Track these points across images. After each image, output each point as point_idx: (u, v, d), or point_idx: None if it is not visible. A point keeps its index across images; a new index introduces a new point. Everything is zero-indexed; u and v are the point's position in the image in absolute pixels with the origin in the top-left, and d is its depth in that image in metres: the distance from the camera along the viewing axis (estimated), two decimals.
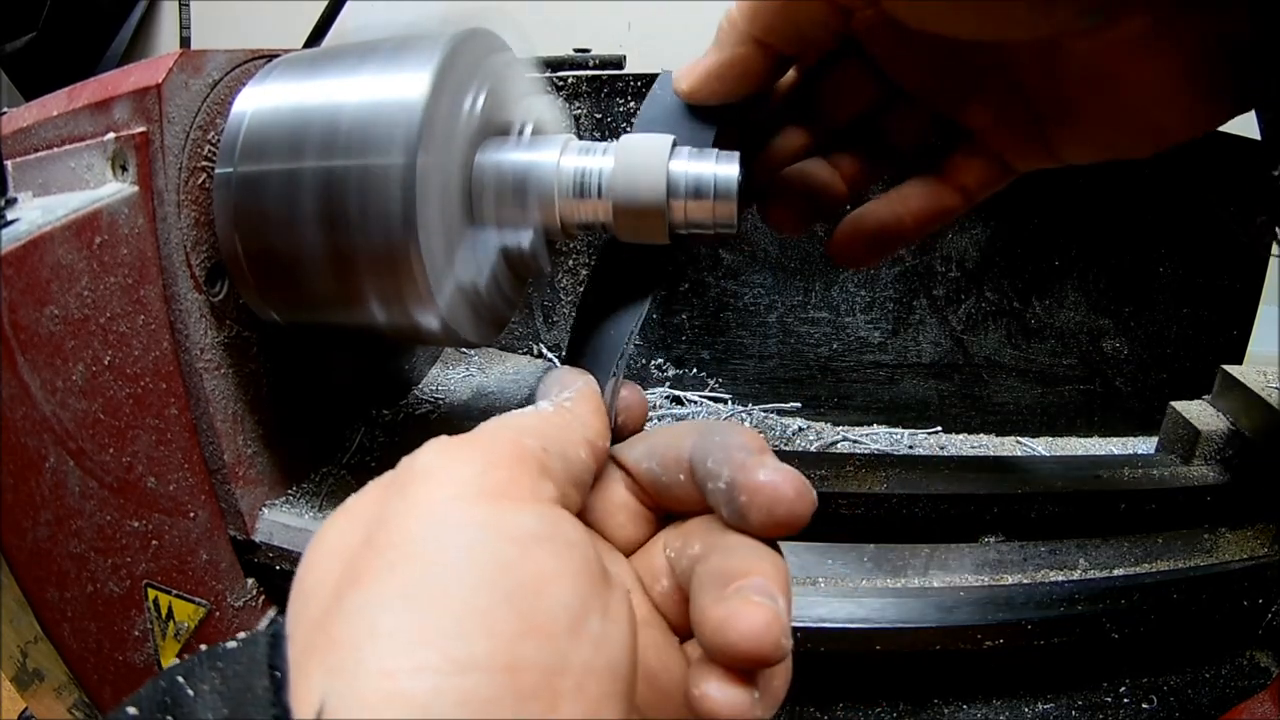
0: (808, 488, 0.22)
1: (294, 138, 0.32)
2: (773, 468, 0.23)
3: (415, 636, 0.17)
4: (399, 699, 0.16)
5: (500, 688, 0.17)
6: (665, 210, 0.30)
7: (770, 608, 0.20)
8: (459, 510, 0.20)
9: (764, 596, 0.21)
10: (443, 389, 0.56)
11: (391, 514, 0.20)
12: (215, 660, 0.19)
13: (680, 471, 0.26)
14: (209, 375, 0.36)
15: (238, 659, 0.19)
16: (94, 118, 0.33)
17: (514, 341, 0.65)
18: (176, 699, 0.18)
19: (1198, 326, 0.62)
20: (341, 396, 0.47)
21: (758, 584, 0.21)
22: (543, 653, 0.18)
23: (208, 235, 0.35)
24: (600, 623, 0.20)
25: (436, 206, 0.31)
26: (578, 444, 0.25)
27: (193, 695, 0.18)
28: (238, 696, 0.18)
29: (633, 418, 0.31)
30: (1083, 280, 0.60)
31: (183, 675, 0.18)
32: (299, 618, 0.19)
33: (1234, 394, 0.50)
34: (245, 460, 0.39)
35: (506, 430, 0.23)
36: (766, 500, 0.22)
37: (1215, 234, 0.59)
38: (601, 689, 0.19)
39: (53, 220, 0.30)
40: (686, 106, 0.32)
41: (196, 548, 0.37)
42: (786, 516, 0.22)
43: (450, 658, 0.17)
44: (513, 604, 0.18)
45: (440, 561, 0.19)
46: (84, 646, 0.32)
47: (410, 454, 0.22)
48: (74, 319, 0.31)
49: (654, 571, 0.26)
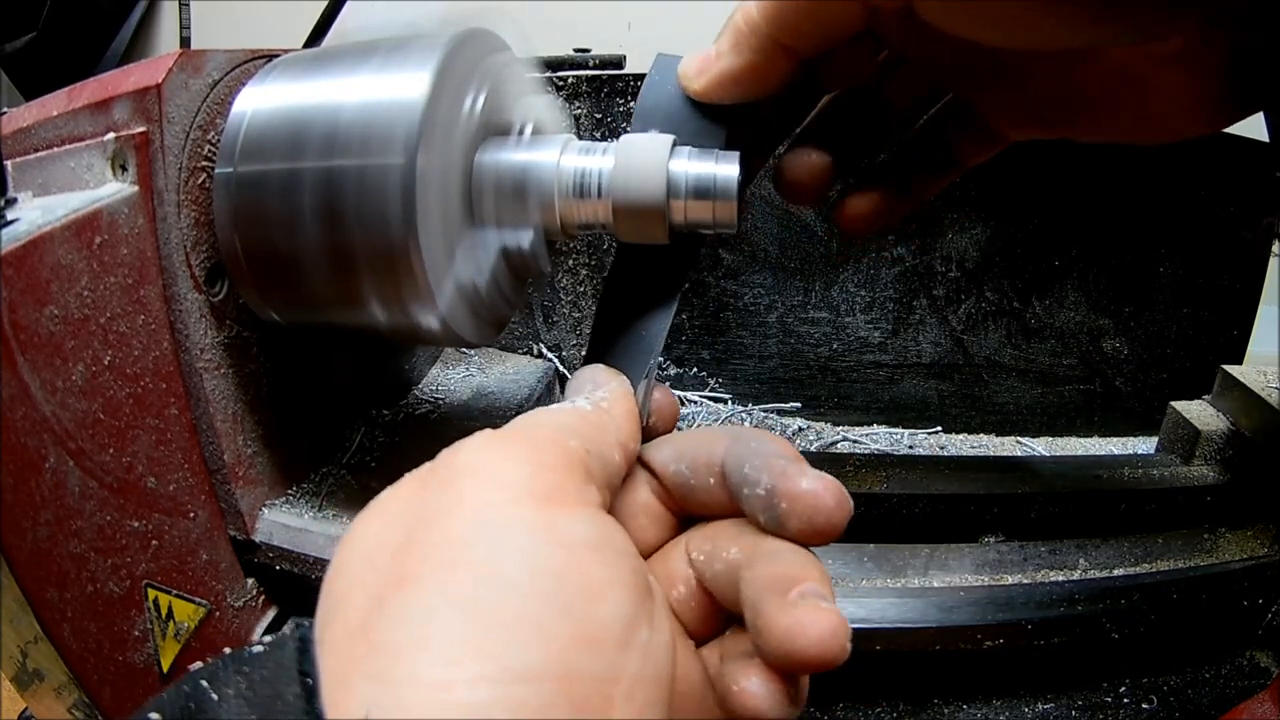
0: (846, 497, 0.23)
1: (294, 138, 0.32)
2: (814, 476, 0.23)
3: (470, 645, 0.17)
4: (454, 709, 0.16)
5: (555, 696, 0.17)
6: (665, 210, 0.30)
7: (835, 613, 0.21)
8: (510, 513, 0.20)
9: (827, 603, 0.21)
10: (443, 389, 0.56)
11: (435, 512, 0.20)
12: (241, 665, 0.18)
13: (711, 475, 0.25)
14: (209, 375, 0.36)
15: (264, 664, 0.18)
16: (94, 118, 0.33)
17: (514, 341, 0.65)
18: (201, 704, 0.17)
19: (1198, 326, 0.62)
20: (341, 396, 0.47)
21: (816, 589, 0.21)
22: (597, 662, 0.18)
23: (208, 235, 0.35)
24: (648, 632, 0.20)
25: (436, 206, 0.31)
26: (613, 446, 0.25)
27: (217, 700, 0.17)
28: (266, 703, 0.17)
29: (663, 420, 0.30)
30: (1083, 280, 0.60)
31: (206, 679, 0.18)
32: (332, 622, 0.19)
33: (1234, 394, 0.50)
34: (245, 460, 0.39)
35: (549, 430, 0.23)
36: (807, 508, 0.22)
37: (1215, 234, 0.59)
38: (649, 697, 0.19)
39: (53, 220, 0.30)
40: (692, 101, 0.31)
41: (196, 548, 0.37)
42: (825, 525, 0.22)
43: (505, 667, 0.17)
44: (568, 613, 0.18)
45: (493, 567, 0.18)
46: (84, 647, 0.32)
47: (451, 447, 0.22)
48: (74, 319, 0.31)
49: (671, 576, 0.26)
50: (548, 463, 0.21)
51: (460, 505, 0.20)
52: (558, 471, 0.21)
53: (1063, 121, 0.31)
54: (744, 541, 0.24)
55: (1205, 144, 0.59)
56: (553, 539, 0.19)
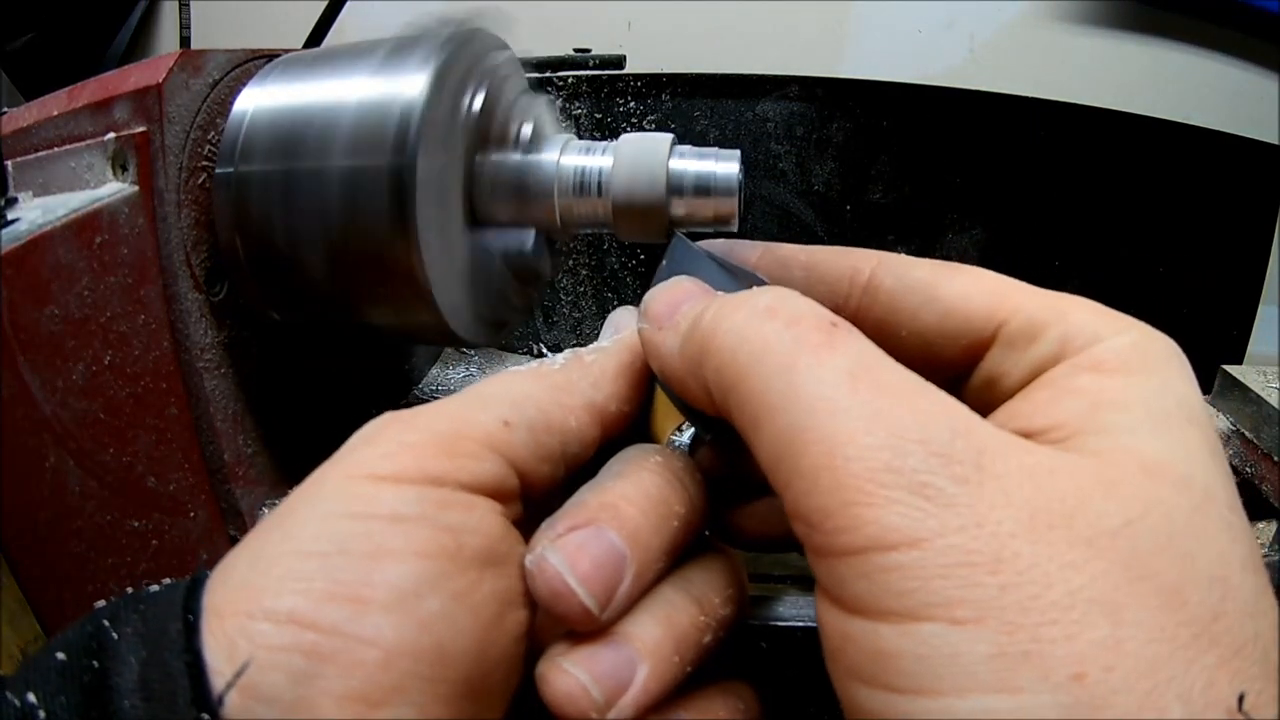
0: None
1: (294, 138, 0.32)
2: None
3: (249, 588, 0.19)
4: (221, 636, 0.18)
5: (294, 638, 0.18)
6: (666, 208, 0.30)
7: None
8: (335, 487, 0.21)
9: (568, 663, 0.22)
10: (443, 389, 0.56)
11: (304, 483, 0.22)
12: (139, 604, 0.20)
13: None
14: (209, 375, 0.36)
15: (157, 602, 0.20)
16: (94, 117, 0.33)
17: (514, 341, 0.65)
18: (102, 643, 0.19)
19: (1198, 326, 0.62)
20: (341, 396, 0.47)
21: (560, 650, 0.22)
22: (352, 621, 0.19)
23: (208, 235, 0.35)
24: (440, 604, 0.20)
25: (436, 206, 0.31)
26: (572, 410, 0.24)
27: (117, 639, 0.19)
28: (155, 639, 0.19)
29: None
30: (1083, 280, 0.60)
31: (108, 618, 0.19)
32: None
33: (1234, 394, 0.50)
34: (245, 460, 0.39)
35: (465, 403, 0.23)
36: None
37: (1215, 234, 0.59)
38: (415, 669, 0.19)
39: (53, 220, 0.30)
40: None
41: (196, 547, 0.37)
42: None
43: (265, 608, 0.19)
44: (334, 573, 0.19)
45: (289, 529, 0.20)
46: None
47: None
48: (74, 319, 0.30)
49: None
50: (412, 441, 0.22)
51: (313, 479, 0.22)
52: (418, 451, 0.22)
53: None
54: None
55: (1205, 144, 0.59)
56: (348, 509, 0.21)
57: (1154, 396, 0.19)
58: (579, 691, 0.20)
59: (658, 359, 0.24)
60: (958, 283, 0.24)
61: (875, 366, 0.19)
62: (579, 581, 0.21)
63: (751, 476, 0.24)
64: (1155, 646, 0.15)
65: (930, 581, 0.16)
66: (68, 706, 0.18)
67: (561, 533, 0.21)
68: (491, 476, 0.22)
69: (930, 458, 0.17)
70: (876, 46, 0.79)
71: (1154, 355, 0.21)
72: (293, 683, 0.18)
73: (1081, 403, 0.20)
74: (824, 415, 0.18)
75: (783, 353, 0.20)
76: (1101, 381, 0.20)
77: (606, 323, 0.29)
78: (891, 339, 0.24)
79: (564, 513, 0.22)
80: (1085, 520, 0.17)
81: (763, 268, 0.27)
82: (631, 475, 0.23)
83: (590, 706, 0.20)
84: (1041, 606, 0.16)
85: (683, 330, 0.23)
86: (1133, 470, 0.18)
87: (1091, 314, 0.22)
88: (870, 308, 0.25)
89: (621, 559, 0.21)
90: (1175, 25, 0.75)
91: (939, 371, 0.23)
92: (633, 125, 0.60)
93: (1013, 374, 0.22)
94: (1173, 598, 0.16)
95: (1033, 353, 0.22)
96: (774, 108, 0.60)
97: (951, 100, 0.60)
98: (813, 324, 0.20)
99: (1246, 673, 0.16)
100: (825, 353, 0.19)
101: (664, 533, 0.22)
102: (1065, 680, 0.15)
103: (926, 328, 0.24)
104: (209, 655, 0.18)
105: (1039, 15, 0.77)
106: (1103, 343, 0.21)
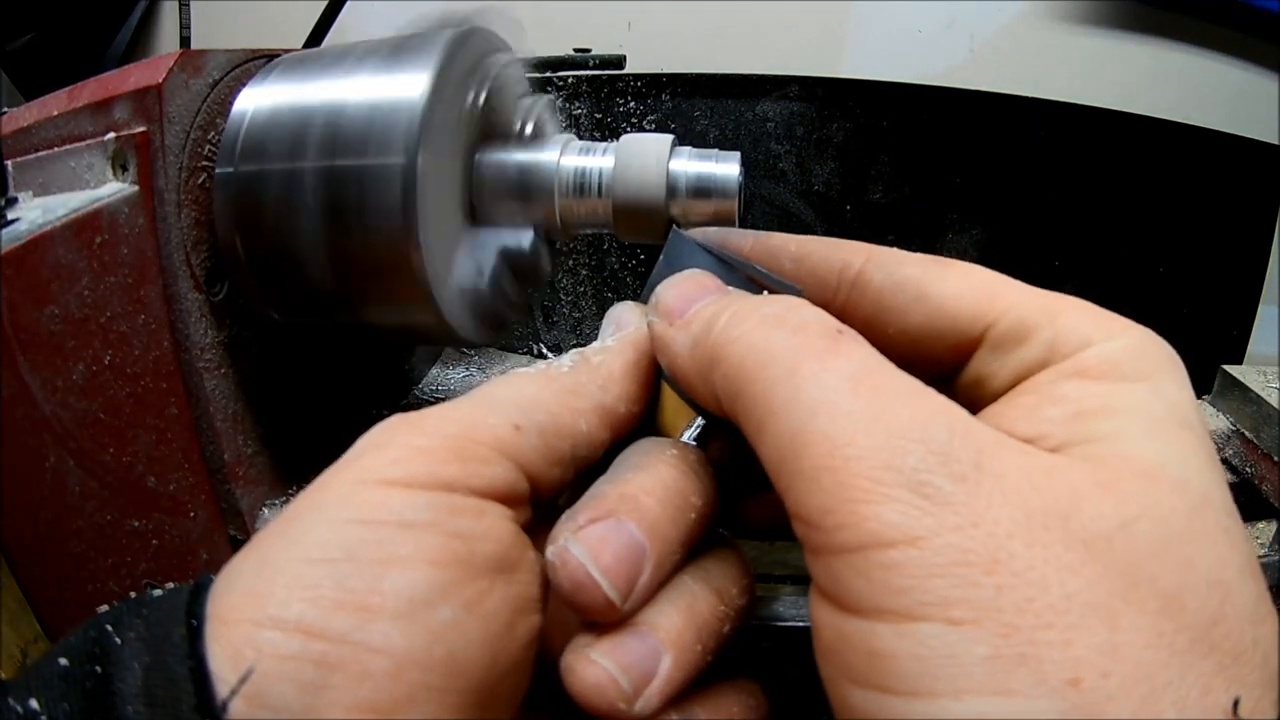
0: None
1: (294, 137, 0.32)
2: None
3: (253, 594, 0.19)
4: (226, 643, 0.18)
5: (302, 650, 0.18)
6: (666, 209, 0.30)
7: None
8: (342, 492, 0.21)
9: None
10: (443, 389, 0.56)
11: (309, 489, 0.22)
12: (141, 608, 0.20)
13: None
14: (209, 375, 0.36)
15: (160, 607, 0.20)
16: (94, 117, 0.33)
17: (514, 341, 0.65)
18: (105, 648, 0.19)
19: (1198, 326, 0.62)
20: (341, 396, 0.47)
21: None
22: (359, 629, 0.19)
23: (208, 235, 0.35)
24: (452, 614, 0.20)
25: (436, 206, 0.31)
26: (582, 413, 0.24)
27: (120, 644, 0.19)
28: (158, 644, 0.19)
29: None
30: (1082, 280, 0.60)
31: (111, 623, 0.19)
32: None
33: (1234, 394, 0.50)
34: (245, 460, 0.39)
35: (474, 406, 0.23)
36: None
37: (1215, 234, 0.59)
38: (426, 679, 0.19)
39: (53, 220, 0.30)
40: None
41: (196, 547, 0.37)
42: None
43: (271, 615, 0.19)
44: (342, 581, 0.19)
45: (297, 536, 0.20)
46: None
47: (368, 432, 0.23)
48: (74, 319, 0.30)
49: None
50: (422, 446, 0.22)
51: (319, 485, 0.22)
52: (428, 456, 0.22)
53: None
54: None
55: (1205, 144, 0.59)
56: (357, 515, 0.20)
57: (1144, 402, 0.19)
58: (608, 681, 0.20)
59: (668, 355, 0.24)
60: (948, 281, 0.24)
61: (877, 371, 0.19)
62: (601, 573, 0.20)
63: (759, 469, 0.24)
64: (1152, 652, 0.15)
65: (927, 580, 0.16)
66: (70, 713, 0.17)
67: (583, 525, 0.21)
68: (503, 481, 0.22)
69: (929, 456, 0.17)
70: (876, 46, 0.79)
71: (1145, 360, 0.20)
72: (301, 692, 0.18)
73: (1064, 410, 0.20)
74: (826, 418, 0.18)
75: (788, 358, 0.20)
76: (1086, 388, 0.20)
77: (606, 318, 0.29)
78: (880, 336, 0.24)
79: (584, 505, 0.22)
80: (1081, 521, 0.17)
81: (754, 258, 0.27)
82: (649, 468, 0.23)
83: (619, 696, 0.20)
84: (1038, 609, 0.16)
85: (694, 331, 0.23)
86: (1128, 474, 0.18)
87: (1083, 317, 0.22)
88: (859, 304, 0.25)
89: (641, 551, 0.21)
90: (1175, 25, 0.75)
91: (928, 370, 0.23)
92: (633, 125, 0.60)
93: (999, 376, 0.22)
94: (1170, 603, 0.16)
95: (1019, 355, 0.22)
96: (774, 108, 0.60)
97: (951, 100, 0.60)
98: (818, 331, 0.20)
99: (1245, 679, 0.16)
100: (829, 358, 0.19)
101: (681, 524, 0.23)
102: (1061, 685, 0.15)
103: (914, 326, 0.24)
104: (213, 662, 0.18)
105: (1039, 15, 0.77)
106: (1091, 348, 0.21)
